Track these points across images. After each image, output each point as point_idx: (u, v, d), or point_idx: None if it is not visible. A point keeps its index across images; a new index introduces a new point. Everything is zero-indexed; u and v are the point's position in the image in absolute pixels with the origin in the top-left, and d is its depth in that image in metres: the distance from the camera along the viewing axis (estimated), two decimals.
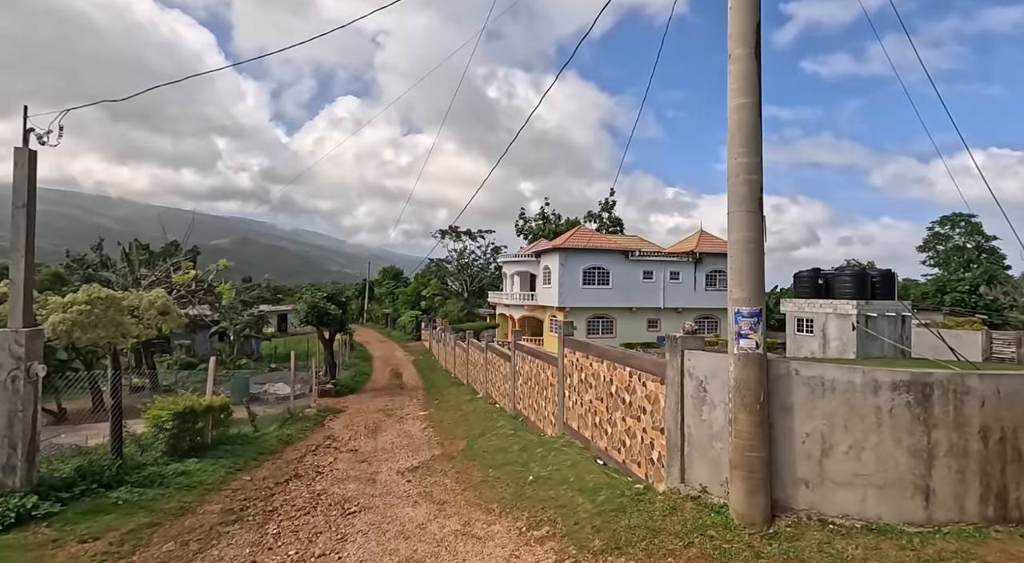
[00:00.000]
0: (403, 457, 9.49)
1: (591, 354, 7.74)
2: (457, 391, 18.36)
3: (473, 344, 18.41)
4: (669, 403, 5.45)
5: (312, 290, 17.66)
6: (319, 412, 14.80)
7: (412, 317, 49.58)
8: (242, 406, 16.86)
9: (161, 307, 15.60)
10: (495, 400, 14.35)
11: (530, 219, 62.41)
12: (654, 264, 32.99)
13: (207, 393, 9.25)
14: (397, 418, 14.13)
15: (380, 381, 23.01)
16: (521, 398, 11.68)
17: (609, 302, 31.89)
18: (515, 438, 9.33)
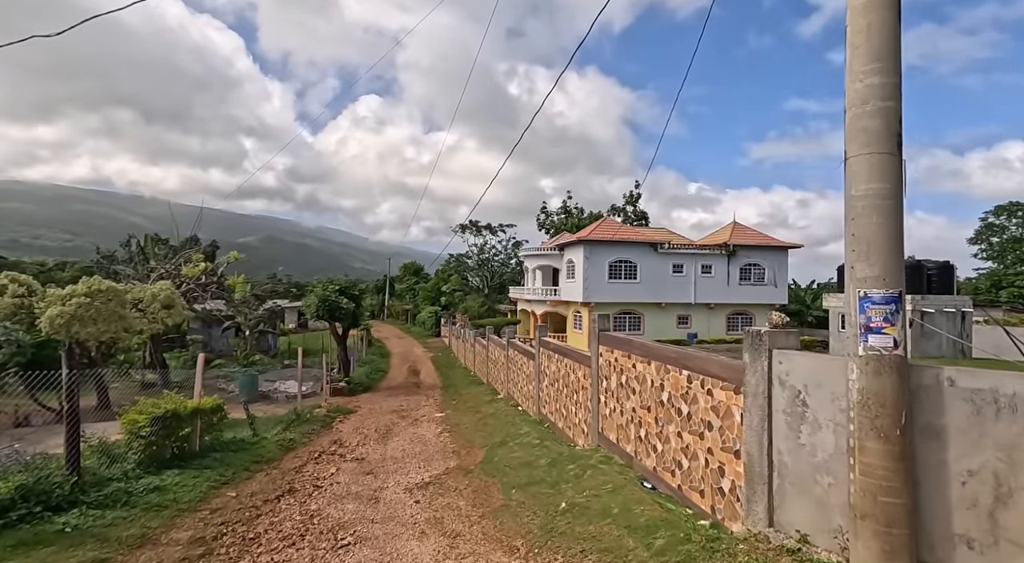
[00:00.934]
0: (414, 468, 8.35)
1: (634, 353, 6.43)
2: (476, 391, 17.21)
3: (493, 340, 17.23)
4: (750, 419, 4.13)
5: (324, 283, 16.74)
6: (329, 412, 13.82)
7: (431, 313, 48.77)
8: (254, 405, 16.07)
9: (165, 300, 14.82)
10: (517, 402, 13.13)
11: (552, 213, 60.96)
12: (684, 257, 31.26)
13: (195, 393, 8.25)
14: (411, 420, 13.04)
15: (396, 379, 22.04)
16: (547, 401, 10.42)
17: (636, 297, 30.32)
18: (541, 449, 8.09)
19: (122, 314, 13.83)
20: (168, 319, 15.17)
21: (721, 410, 4.62)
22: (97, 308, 13.13)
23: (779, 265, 32.53)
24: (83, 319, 12.94)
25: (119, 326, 13.85)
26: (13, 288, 13.24)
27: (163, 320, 15.14)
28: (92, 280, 13.58)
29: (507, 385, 14.53)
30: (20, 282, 13.47)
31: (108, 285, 13.57)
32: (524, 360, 12.51)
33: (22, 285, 13.38)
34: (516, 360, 13.42)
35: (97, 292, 13.31)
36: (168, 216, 50.87)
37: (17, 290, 13.24)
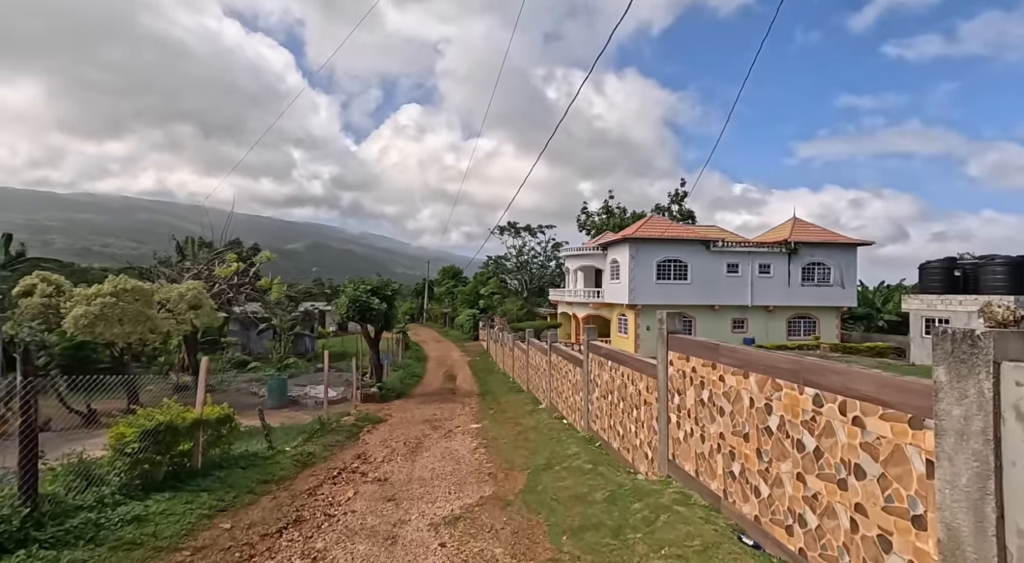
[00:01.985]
0: (443, 494, 7.09)
1: (723, 362, 4.91)
2: (516, 399, 15.88)
3: (534, 345, 15.85)
4: (952, 472, 2.59)
5: (355, 282, 15.91)
6: (357, 421, 12.82)
7: (469, 316, 47.91)
8: (282, 411, 15.32)
9: (192, 300, 14.27)
10: (562, 414, 11.70)
11: (593, 213, 59.12)
12: (740, 256, 28.89)
13: (197, 402, 7.28)
14: (444, 432, 11.84)
15: (432, 384, 21.00)
16: (598, 416, 8.94)
17: (687, 299, 28.21)
18: (596, 477, 6.64)
19: (148, 314, 13.32)
20: (196, 320, 14.63)
21: (882, 450, 3.08)
22: (123, 308, 12.62)
23: (846, 264, 29.62)
24: (108, 319, 12.45)
25: (145, 327, 13.34)
26: (42, 287, 12.94)
27: (191, 321, 14.61)
28: (118, 279, 13.14)
29: (549, 394, 13.12)
30: (49, 281, 13.18)
31: (134, 284, 13.09)
32: (570, 367, 11.07)
33: (51, 284, 13.08)
34: (560, 367, 12.00)
35: (123, 291, 12.82)
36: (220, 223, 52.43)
37: (46, 290, 12.94)
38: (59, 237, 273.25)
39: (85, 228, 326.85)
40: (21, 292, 12.96)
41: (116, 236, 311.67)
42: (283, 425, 12.26)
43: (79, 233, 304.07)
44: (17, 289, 12.98)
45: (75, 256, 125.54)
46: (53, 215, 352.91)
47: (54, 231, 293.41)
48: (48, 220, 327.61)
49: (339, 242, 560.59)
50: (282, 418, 14.02)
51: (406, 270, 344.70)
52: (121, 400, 15.64)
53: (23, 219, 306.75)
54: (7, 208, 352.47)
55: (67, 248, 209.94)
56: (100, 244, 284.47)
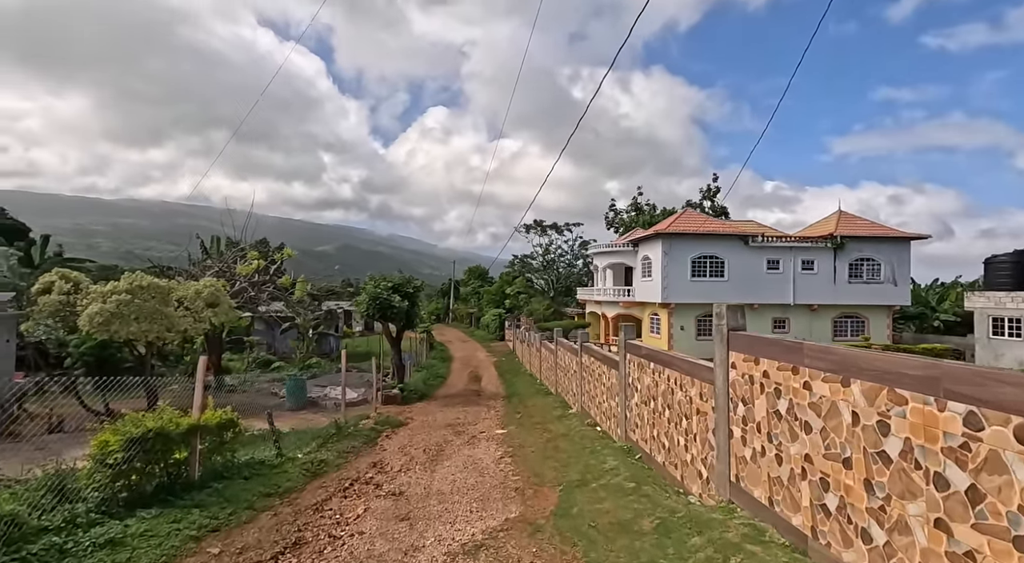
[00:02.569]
0: (463, 513, 6.23)
1: (809, 364, 3.90)
2: (544, 402, 14.95)
3: (563, 345, 14.89)
4: None
5: (376, 280, 15.30)
6: (376, 425, 12.13)
7: (495, 316, 47.18)
8: (300, 413, 14.80)
9: (209, 297, 13.84)
10: (595, 420, 10.71)
11: (621, 211, 57.65)
12: (781, 251, 27.19)
13: (195, 405, 6.63)
14: (468, 438, 11.01)
15: (456, 385, 20.26)
16: (638, 425, 7.94)
17: (724, 298, 26.71)
18: (640, 499, 5.67)
19: (165, 312, 12.92)
20: (214, 318, 14.22)
21: None
22: (138, 306, 12.23)
23: (899, 260, 27.55)
24: (124, 317, 12.07)
25: (162, 325, 12.94)
26: (60, 285, 12.71)
27: (209, 319, 14.20)
28: (135, 276, 12.78)
29: (580, 398, 12.15)
30: (68, 279, 12.95)
31: (150, 281, 12.70)
32: (603, 369, 10.09)
33: (69, 281, 12.84)
34: (593, 369, 11.02)
35: (139, 288, 12.44)
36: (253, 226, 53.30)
37: (63, 287, 12.70)
38: (104, 241, 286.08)
39: (129, 232, 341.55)
40: (40, 290, 12.76)
41: (157, 239, 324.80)
42: (297, 429, 11.68)
43: (123, 237, 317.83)
44: (36, 287, 12.79)
45: (119, 259, 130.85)
46: (99, 220, 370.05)
47: (100, 235, 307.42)
48: (94, 225, 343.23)
49: (368, 244, 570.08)
50: (299, 421, 13.48)
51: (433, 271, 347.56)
52: (142, 399, 15.42)
53: (71, 224, 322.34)
54: (57, 214, 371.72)
55: (112, 251, 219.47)
56: (142, 247, 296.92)
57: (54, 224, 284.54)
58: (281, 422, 13.39)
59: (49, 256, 28.96)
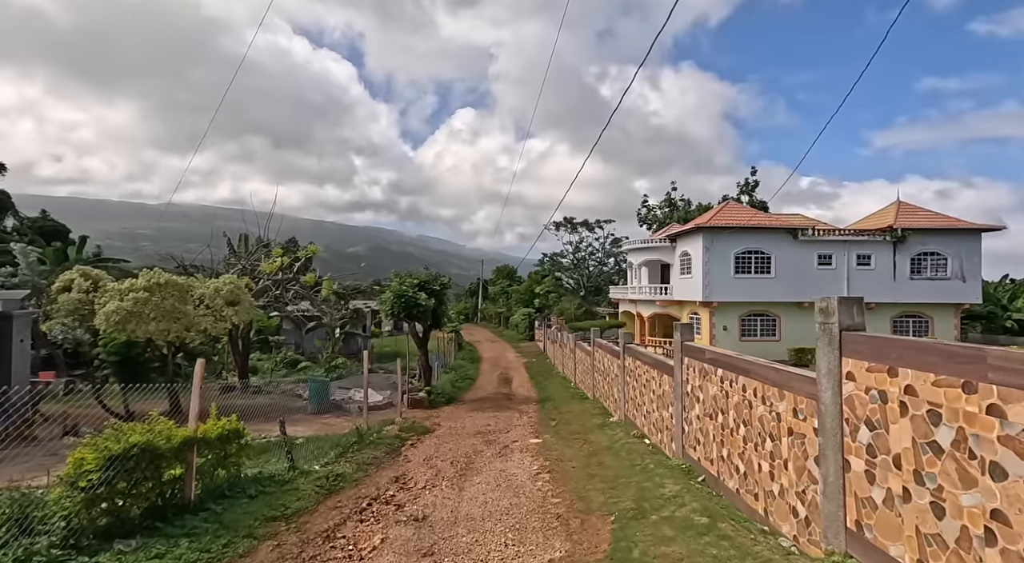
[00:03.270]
0: (496, 548, 5.23)
1: (999, 379, 2.71)
2: (580, 408, 13.83)
3: (601, 346, 13.75)
4: None
5: (401, 277, 14.50)
6: (401, 431, 11.27)
7: (525, 316, 46.15)
8: (323, 416, 14.11)
9: (228, 295, 13.27)
10: (643, 432, 9.54)
11: (654, 207, 55.75)
12: (834, 246, 25.19)
13: (190, 415, 5.83)
14: (499, 448, 10.02)
15: (485, 388, 19.32)
16: (700, 441, 6.76)
17: (770, 295, 24.96)
18: (719, 542, 4.53)
19: (184, 311, 12.37)
20: (234, 317, 13.66)
21: None
22: (156, 304, 11.70)
23: (968, 253, 25.14)
24: (141, 316, 11.55)
25: (181, 324, 12.40)
26: (79, 282, 12.34)
27: (230, 318, 13.65)
28: (153, 273, 12.29)
29: (623, 405, 10.99)
30: (88, 276, 12.58)
31: (168, 278, 12.18)
32: (653, 375, 8.91)
33: (88, 279, 12.47)
34: (639, 374, 9.85)
35: (157, 286, 11.92)
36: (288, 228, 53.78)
37: (83, 285, 12.32)
38: (149, 244, 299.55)
39: (172, 236, 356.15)
40: (61, 288, 12.42)
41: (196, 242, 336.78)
42: (317, 436, 10.92)
43: (166, 240, 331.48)
44: (57, 285, 12.45)
45: (161, 261, 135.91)
46: (144, 224, 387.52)
47: (145, 239, 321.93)
48: (140, 229, 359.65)
49: (397, 245, 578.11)
50: (320, 425, 12.78)
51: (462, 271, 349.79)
52: (158, 402, 15.04)
53: (119, 228, 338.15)
54: (106, 218, 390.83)
55: (155, 254, 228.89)
56: (183, 250, 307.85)
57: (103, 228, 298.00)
58: (302, 427, 12.74)
59: (88, 257, 29.49)
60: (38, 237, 27.17)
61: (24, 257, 17.14)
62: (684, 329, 7.41)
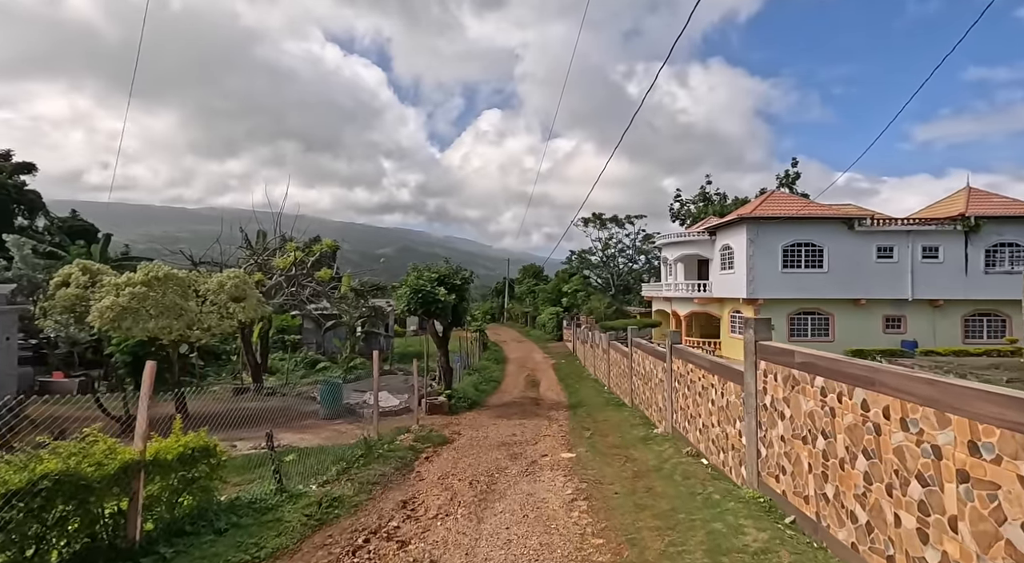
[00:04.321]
0: None
1: None
2: (617, 416, 12.33)
3: (641, 347, 12.22)
4: None
5: (418, 270, 13.30)
6: (416, 441, 10.03)
7: (552, 315, 44.61)
8: (335, 422, 13.02)
9: (233, 291, 12.30)
10: (698, 449, 8.01)
11: (687, 201, 53.39)
12: (896, 236, 22.81)
13: (137, 431, 4.67)
14: (526, 464, 8.65)
15: (511, 391, 17.97)
16: (787, 470, 5.22)
17: (822, 291, 22.80)
18: None
19: (185, 307, 11.42)
20: (241, 313, 12.69)
21: None
22: (155, 300, 10.76)
23: None
24: (138, 312, 10.61)
25: (183, 322, 11.46)
26: (77, 277, 11.56)
27: (236, 315, 12.69)
28: (151, 266, 11.38)
29: (671, 415, 9.46)
30: (88, 270, 11.80)
31: (167, 272, 11.24)
32: (713, 381, 7.38)
33: (87, 273, 11.68)
34: (692, 380, 8.31)
35: (155, 280, 10.98)
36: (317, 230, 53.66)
37: (81, 279, 11.53)
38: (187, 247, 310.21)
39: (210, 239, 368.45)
40: (59, 282, 11.65)
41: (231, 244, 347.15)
42: (322, 446, 9.78)
43: (204, 243, 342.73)
44: (55, 279, 11.70)
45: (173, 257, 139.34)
46: (184, 227, 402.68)
47: (184, 242, 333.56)
48: (179, 232, 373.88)
49: (425, 246, 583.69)
50: (331, 433, 11.67)
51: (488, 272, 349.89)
52: (164, 405, 14.24)
53: (161, 232, 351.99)
54: (149, 222, 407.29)
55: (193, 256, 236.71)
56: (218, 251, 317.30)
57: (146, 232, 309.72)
58: (310, 435, 11.66)
59: (115, 256, 29.50)
60: (66, 237, 27.25)
61: (18, 249, 16.68)
62: (759, 325, 5.87)
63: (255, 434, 11.56)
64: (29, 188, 29.26)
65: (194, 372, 19.04)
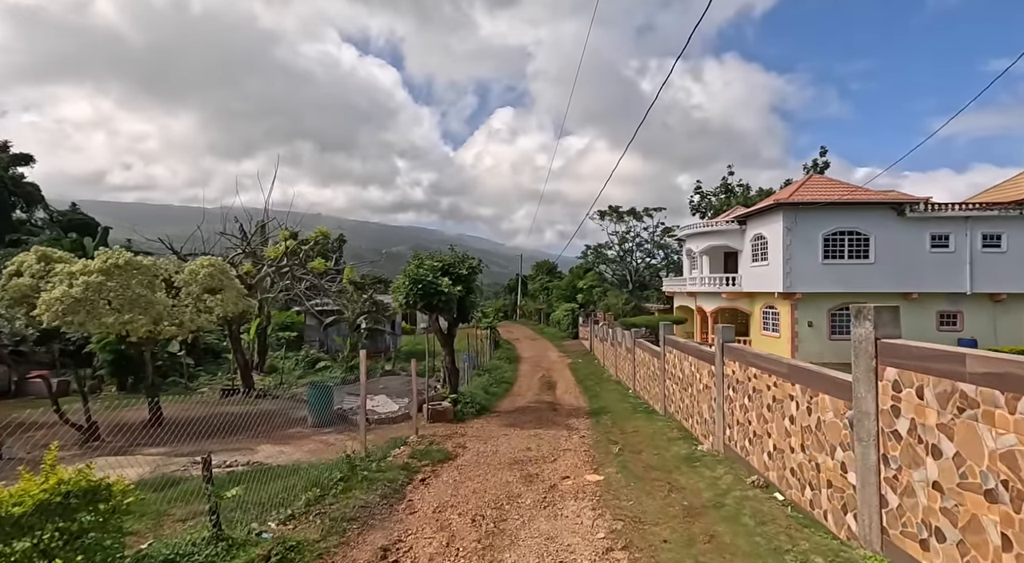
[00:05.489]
0: None
1: None
2: (649, 426, 10.58)
3: (678, 347, 10.46)
4: None
5: (419, 258, 11.66)
6: (411, 458, 8.42)
7: (567, 311, 42.77)
8: (324, 431, 11.48)
9: (207, 280, 10.81)
10: (767, 479, 6.23)
11: (708, 193, 51.11)
12: (952, 223, 20.57)
13: None
14: (543, 490, 6.98)
15: (524, 395, 16.28)
16: (938, 530, 3.45)
17: (868, 285, 20.69)
18: None
19: (151, 299, 9.92)
20: (218, 307, 11.19)
21: None
22: (116, 291, 9.26)
23: None
24: (94, 305, 9.12)
25: (149, 316, 9.96)
26: (31, 265, 10.14)
27: (214, 309, 11.20)
28: (112, 252, 9.89)
29: (721, 430, 7.70)
30: (47, 258, 10.37)
31: (128, 258, 9.76)
32: (792, 391, 5.61)
33: (43, 260, 10.26)
34: (755, 389, 6.54)
35: (115, 268, 9.49)
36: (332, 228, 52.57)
37: (35, 268, 10.11)
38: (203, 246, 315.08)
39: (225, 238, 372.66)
40: (12, 271, 10.24)
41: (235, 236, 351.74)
42: (298, 464, 8.20)
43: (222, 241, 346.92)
44: (8, 268, 10.30)
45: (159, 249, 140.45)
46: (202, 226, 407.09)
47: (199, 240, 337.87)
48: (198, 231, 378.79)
49: (439, 244, 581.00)
50: (315, 445, 10.11)
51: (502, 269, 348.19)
52: (138, 409, 12.79)
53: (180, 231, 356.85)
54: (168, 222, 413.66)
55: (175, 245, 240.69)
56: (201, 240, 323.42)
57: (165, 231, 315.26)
58: (290, 447, 10.08)
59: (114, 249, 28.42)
60: (61, 231, 26.23)
61: None
62: (883, 316, 4.12)
63: (229, 446, 10.06)
64: (27, 180, 28.44)
65: (183, 372, 17.71)
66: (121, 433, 11.01)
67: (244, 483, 6.62)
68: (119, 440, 10.60)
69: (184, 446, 9.98)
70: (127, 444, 10.36)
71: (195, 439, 10.00)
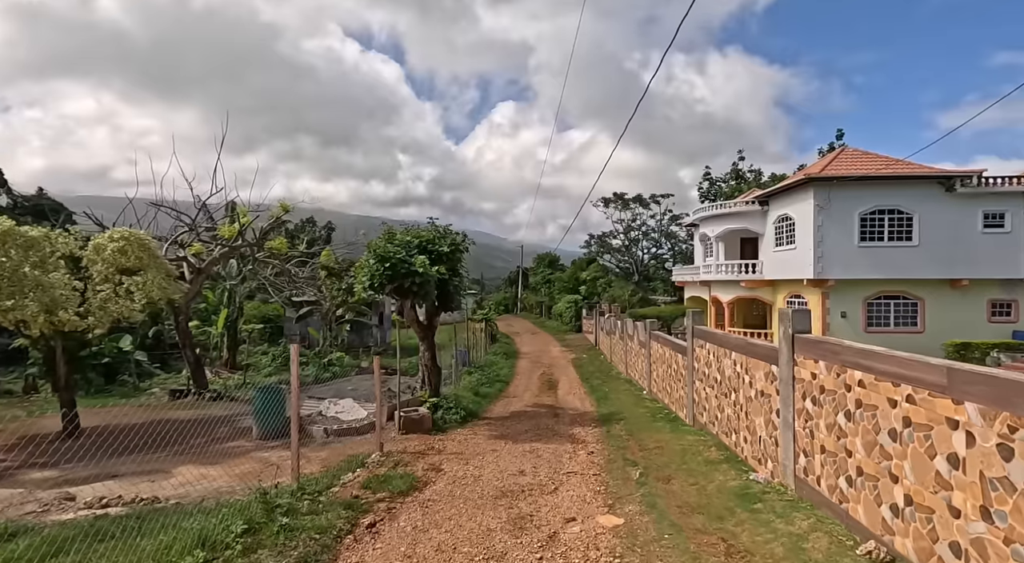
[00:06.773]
0: None
1: None
2: (676, 441, 8.38)
3: (713, 341, 8.28)
4: None
5: (389, 234, 9.40)
6: (366, 487, 6.30)
7: (570, 304, 40.56)
8: (270, 446, 9.33)
9: (117, 257, 8.64)
10: (885, 544, 4.00)
11: (717, 180, 48.67)
12: (1008, 199, 18.22)
13: None
14: (538, 547, 4.82)
15: (521, 396, 14.14)
16: None
17: (911, 270, 18.41)
18: None
19: (41, 281, 7.78)
20: (139, 293, 9.02)
21: None
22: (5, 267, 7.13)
23: None
24: None
25: (40, 302, 7.81)
26: None
27: (133, 297, 9.03)
28: None
29: (789, 457, 5.51)
30: None
31: (8, 227, 7.64)
32: (953, 415, 3.36)
33: None
34: (863, 403, 4.31)
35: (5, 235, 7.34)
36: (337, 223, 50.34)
37: None
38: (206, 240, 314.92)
39: None
40: None
41: None
42: (217, 496, 6.02)
43: None
44: None
45: None
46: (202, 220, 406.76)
47: None
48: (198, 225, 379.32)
49: None
50: (253, 465, 7.94)
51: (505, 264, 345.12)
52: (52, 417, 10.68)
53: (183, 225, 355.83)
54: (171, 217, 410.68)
55: None
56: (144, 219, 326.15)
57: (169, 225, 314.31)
58: (220, 469, 7.86)
59: None
60: (24, 217, 24.17)
61: None
62: None
63: (142, 468, 7.94)
64: None
65: (130, 371, 15.62)
66: (19, 449, 8.90)
67: (105, 539, 4.52)
68: (8, 458, 8.49)
69: (83, 469, 7.86)
70: (12, 465, 8.25)
71: (106, 457, 7.90)
